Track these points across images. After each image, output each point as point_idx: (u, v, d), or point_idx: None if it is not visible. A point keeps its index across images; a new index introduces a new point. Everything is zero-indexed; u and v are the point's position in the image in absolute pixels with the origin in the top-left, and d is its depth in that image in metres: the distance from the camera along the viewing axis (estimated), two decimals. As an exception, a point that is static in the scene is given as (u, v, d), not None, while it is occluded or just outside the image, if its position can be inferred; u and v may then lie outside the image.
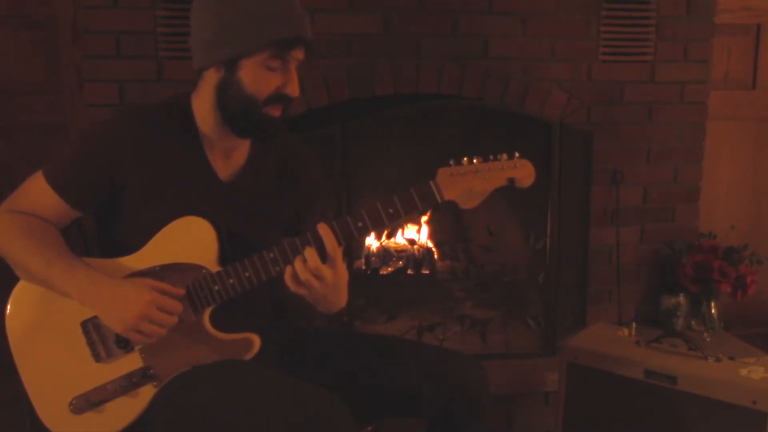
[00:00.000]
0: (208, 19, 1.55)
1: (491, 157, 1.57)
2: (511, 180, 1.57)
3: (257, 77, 1.55)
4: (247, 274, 1.55)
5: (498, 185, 1.57)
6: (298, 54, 1.56)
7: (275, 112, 1.59)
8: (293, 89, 1.58)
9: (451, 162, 1.56)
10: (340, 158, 2.59)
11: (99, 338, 1.57)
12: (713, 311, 2.91)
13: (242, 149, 1.69)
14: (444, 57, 2.69)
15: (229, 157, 1.67)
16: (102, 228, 1.68)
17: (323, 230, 1.51)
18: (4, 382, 1.73)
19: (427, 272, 3.07)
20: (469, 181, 1.55)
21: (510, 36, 2.73)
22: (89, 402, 1.56)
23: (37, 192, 1.59)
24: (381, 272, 3.00)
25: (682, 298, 2.90)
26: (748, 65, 3.24)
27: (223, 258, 1.58)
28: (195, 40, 1.58)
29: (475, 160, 1.56)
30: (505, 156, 1.57)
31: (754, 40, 3.22)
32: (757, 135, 3.30)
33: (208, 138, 1.64)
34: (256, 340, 1.58)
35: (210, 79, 1.59)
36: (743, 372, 2.14)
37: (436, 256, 3.10)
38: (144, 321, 1.49)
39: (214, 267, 1.57)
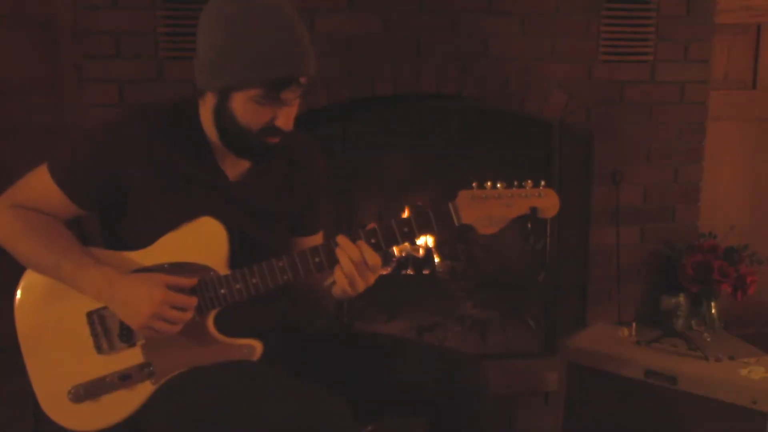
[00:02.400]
0: (206, 45, 1.52)
1: (516, 183, 1.54)
2: (534, 209, 1.54)
3: (248, 110, 1.52)
4: (254, 281, 1.55)
5: (519, 213, 1.54)
6: (289, 94, 1.51)
7: (271, 140, 1.56)
8: (285, 123, 1.54)
9: (474, 185, 1.53)
10: (340, 158, 2.59)
11: (103, 330, 1.57)
12: (713, 311, 2.90)
13: None
14: (444, 57, 2.69)
15: (238, 159, 1.65)
16: (106, 226, 1.67)
17: (343, 241, 1.52)
18: (7, 381, 1.74)
19: (427, 272, 3.07)
20: (490, 206, 1.52)
21: (510, 36, 2.73)
22: (87, 392, 1.57)
23: (41, 187, 1.58)
24: (381, 272, 2.99)
25: (682, 298, 2.90)
26: (748, 65, 3.24)
27: (233, 259, 1.58)
28: (196, 58, 1.56)
29: (498, 185, 1.53)
30: (530, 183, 1.54)
31: (754, 40, 3.22)
32: (757, 135, 3.30)
33: (215, 142, 1.63)
34: (258, 347, 1.58)
35: (209, 100, 1.58)
36: (743, 372, 2.14)
37: (436, 256, 3.10)
38: (157, 319, 1.49)
39: (223, 270, 1.57)
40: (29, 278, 1.61)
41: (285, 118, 1.54)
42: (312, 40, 1.53)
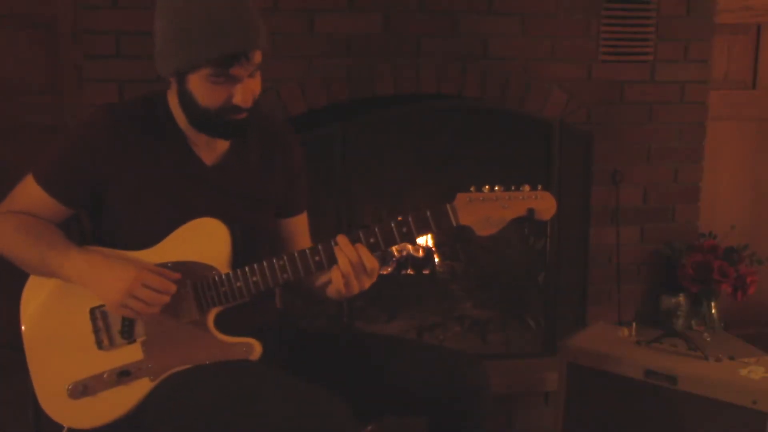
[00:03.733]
0: (157, 31, 1.55)
1: (513, 186, 1.56)
2: (531, 211, 1.55)
3: (204, 91, 1.53)
4: (254, 279, 1.56)
5: (517, 215, 1.55)
6: (238, 70, 1.51)
7: (235, 117, 1.57)
8: (243, 101, 1.54)
9: (472, 188, 1.55)
10: (340, 158, 2.59)
11: (104, 326, 1.58)
12: (713, 311, 2.91)
13: None
14: (444, 57, 2.69)
15: (212, 144, 1.66)
16: (97, 224, 1.68)
17: (342, 241, 1.53)
18: (7, 381, 1.74)
19: (427, 272, 3.07)
20: (488, 208, 1.54)
21: (510, 36, 2.73)
22: (86, 389, 1.57)
23: (30, 192, 1.61)
24: (381, 272, 3.00)
25: (682, 298, 2.90)
26: (748, 65, 3.24)
27: (234, 258, 1.59)
28: (154, 48, 1.58)
29: (496, 188, 1.55)
30: (527, 187, 1.56)
31: (754, 40, 3.22)
32: (757, 135, 3.30)
33: (187, 129, 1.64)
34: (257, 346, 1.58)
35: (173, 86, 1.60)
36: (743, 372, 2.14)
37: (436, 256, 3.10)
38: (130, 298, 1.49)
39: (224, 269, 1.57)
40: (36, 276, 1.62)
41: (242, 95, 1.54)
42: (260, 15, 1.54)
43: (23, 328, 1.62)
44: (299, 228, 1.84)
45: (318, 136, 2.53)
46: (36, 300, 1.62)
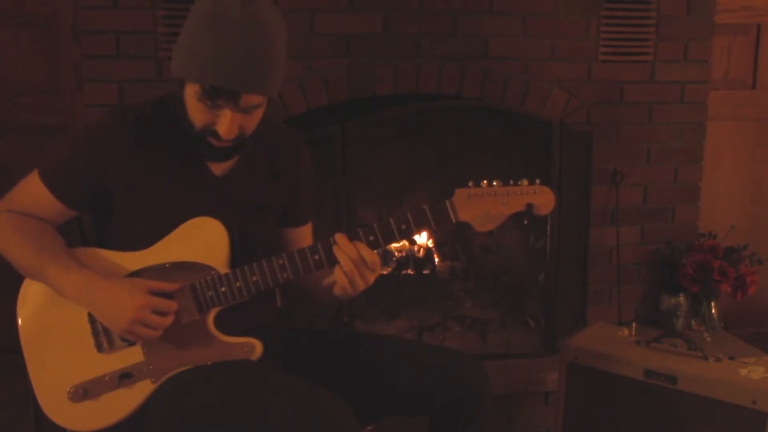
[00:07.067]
0: (181, 34, 1.54)
1: (511, 181, 1.57)
2: (530, 206, 1.56)
3: (192, 105, 1.53)
4: (254, 279, 1.56)
5: (516, 210, 1.57)
6: (222, 102, 1.49)
7: (213, 141, 1.56)
8: (224, 132, 1.52)
9: (470, 183, 1.55)
10: (340, 158, 2.59)
11: (103, 329, 1.58)
12: (713, 311, 2.91)
13: None
14: (444, 57, 2.69)
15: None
16: (100, 227, 1.68)
17: (341, 240, 1.53)
18: (7, 382, 1.74)
19: (427, 272, 3.07)
20: (487, 203, 1.55)
21: (510, 36, 2.73)
22: (87, 391, 1.57)
23: (34, 191, 1.61)
24: (381, 272, 3.00)
25: (682, 298, 2.90)
26: (748, 65, 3.25)
27: (233, 258, 1.59)
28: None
29: (494, 183, 1.56)
30: (525, 181, 1.57)
31: (754, 40, 3.23)
32: (757, 135, 3.31)
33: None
34: (258, 346, 1.59)
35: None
36: (743, 372, 2.14)
37: (436, 256, 3.10)
38: (138, 324, 1.50)
39: (223, 269, 1.57)
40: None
41: (225, 127, 1.52)
42: (283, 64, 1.52)
43: (21, 333, 1.61)
44: (303, 239, 1.84)
45: (318, 136, 2.53)
46: (32, 305, 1.61)
